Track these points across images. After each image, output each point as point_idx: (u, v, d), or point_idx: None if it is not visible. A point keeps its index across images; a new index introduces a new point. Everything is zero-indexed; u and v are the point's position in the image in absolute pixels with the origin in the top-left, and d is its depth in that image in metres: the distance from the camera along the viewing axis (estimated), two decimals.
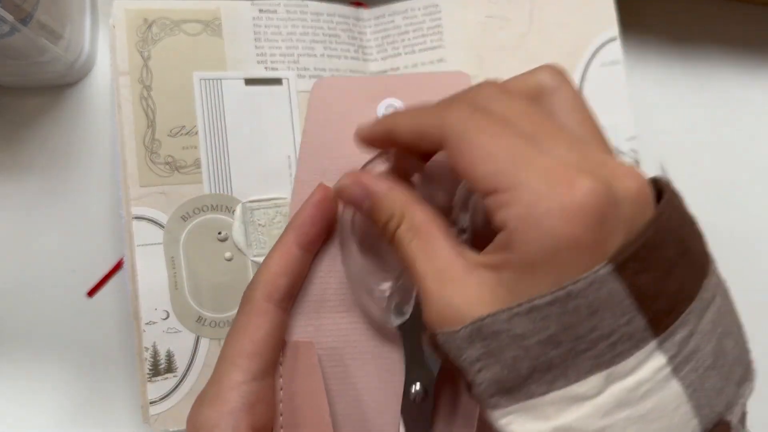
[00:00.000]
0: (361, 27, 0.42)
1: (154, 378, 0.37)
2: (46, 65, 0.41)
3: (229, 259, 0.39)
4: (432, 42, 0.42)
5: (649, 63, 0.45)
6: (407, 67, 0.42)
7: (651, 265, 0.21)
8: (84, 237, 0.42)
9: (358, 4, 0.43)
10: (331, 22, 0.41)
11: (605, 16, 0.40)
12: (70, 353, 0.41)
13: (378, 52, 0.42)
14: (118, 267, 0.42)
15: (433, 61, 0.42)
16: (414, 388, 0.28)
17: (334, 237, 0.30)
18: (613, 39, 0.40)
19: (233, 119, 0.39)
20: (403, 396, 0.28)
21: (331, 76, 0.31)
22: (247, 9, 0.40)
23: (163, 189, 0.38)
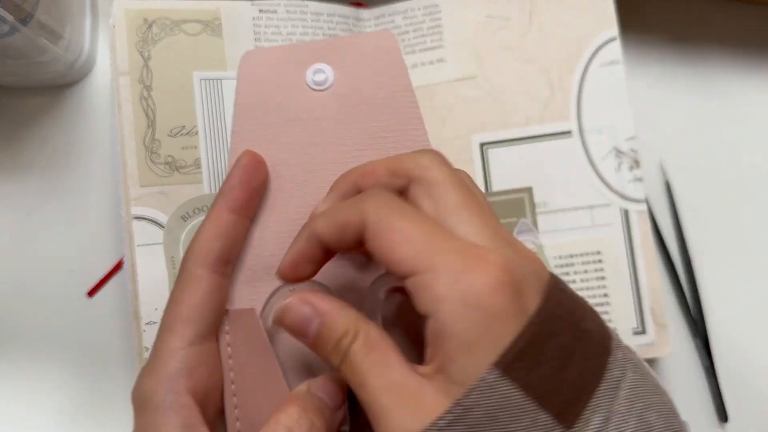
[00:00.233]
0: (361, 27, 0.42)
1: None
2: (46, 65, 0.41)
3: None
4: (432, 42, 0.42)
5: (649, 63, 0.45)
6: (407, 66, 0.42)
7: (543, 359, 0.21)
8: (84, 237, 0.42)
9: (358, 5, 0.43)
10: (331, 23, 0.41)
11: (605, 16, 0.40)
12: (71, 353, 0.41)
13: None
14: (118, 267, 0.42)
15: (432, 61, 0.42)
16: None
17: (271, 204, 0.30)
18: (612, 39, 0.40)
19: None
20: None
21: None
22: (247, 9, 0.40)
23: (163, 189, 0.38)
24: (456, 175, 0.26)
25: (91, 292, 0.42)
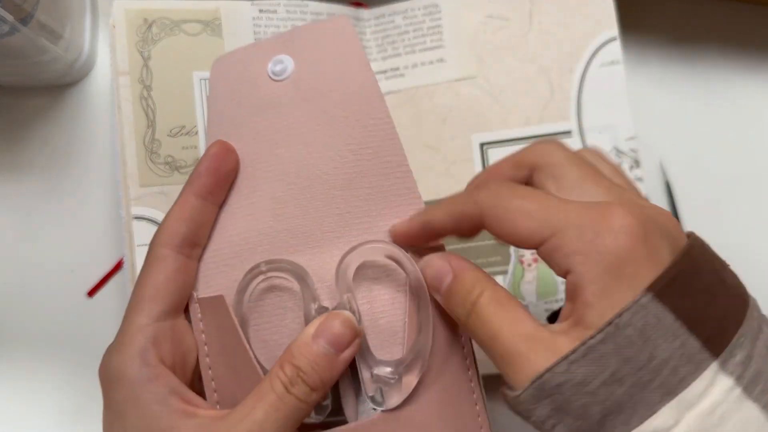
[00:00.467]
0: (361, 27, 0.42)
1: None
2: (47, 65, 0.41)
3: None
4: (432, 42, 0.42)
5: (649, 63, 0.45)
6: (407, 67, 0.42)
7: (691, 292, 0.22)
8: (84, 237, 0.42)
9: (358, 4, 0.43)
10: None
11: (605, 16, 0.40)
12: (71, 353, 0.41)
13: (378, 52, 0.42)
14: (118, 267, 0.42)
15: (432, 61, 0.42)
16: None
17: (240, 191, 0.30)
18: (612, 39, 0.40)
19: None
20: None
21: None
22: (247, 9, 0.40)
23: (163, 189, 0.38)
24: (576, 155, 0.27)
25: (91, 292, 0.42)
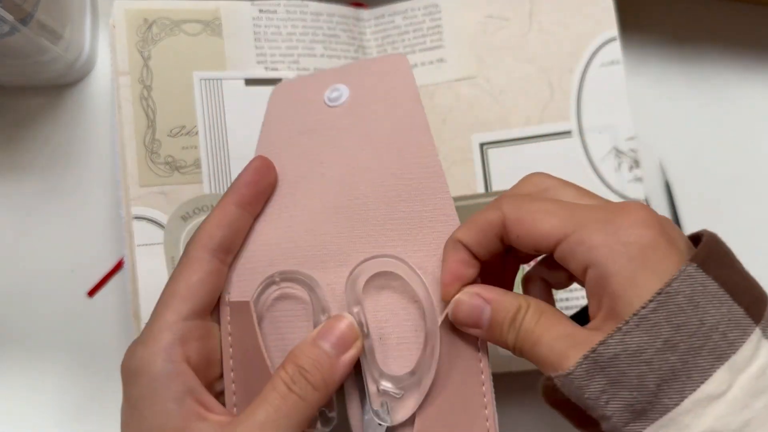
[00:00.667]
0: (361, 27, 0.42)
1: None
2: (47, 65, 0.41)
3: None
4: (432, 42, 0.42)
5: (649, 63, 0.45)
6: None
7: (726, 265, 0.24)
8: (84, 237, 0.42)
9: (358, 5, 0.43)
10: (331, 23, 0.41)
11: (605, 16, 0.40)
12: (71, 353, 0.41)
13: (378, 53, 0.42)
14: (119, 267, 0.42)
15: (432, 61, 0.42)
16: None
17: (281, 204, 0.32)
18: (612, 39, 0.40)
19: (233, 119, 0.39)
20: None
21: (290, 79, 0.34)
22: (247, 9, 0.40)
23: (163, 189, 0.38)
24: (563, 180, 0.29)
25: (92, 292, 0.42)
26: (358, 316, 0.28)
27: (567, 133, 0.40)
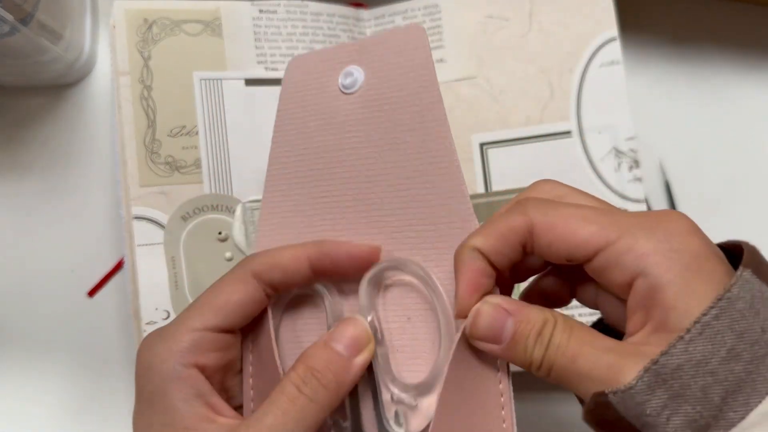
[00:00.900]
0: (361, 27, 0.43)
1: None
2: (47, 65, 0.41)
3: (230, 259, 0.39)
4: (432, 42, 0.42)
5: (649, 63, 0.45)
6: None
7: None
8: (84, 237, 0.42)
9: (358, 5, 0.43)
10: (331, 23, 0.41)
11: (605, 16, 0.40)
12: (72, 353, 0.41)
13: None
14: (119, 267, 0.42)
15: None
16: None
17: (291, 208, 0.31)
18: (612, 39, 0.40)
19: (233, 119, 0.39)
20: None
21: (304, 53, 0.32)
22: (247, 9, 0.40)
23: (164, 189, 0.38)
24: (573, 187, 0.28)
25: (92, 292, 0.42)
26: (373, 322, 0.28)
27: (567, 133, 0.40)
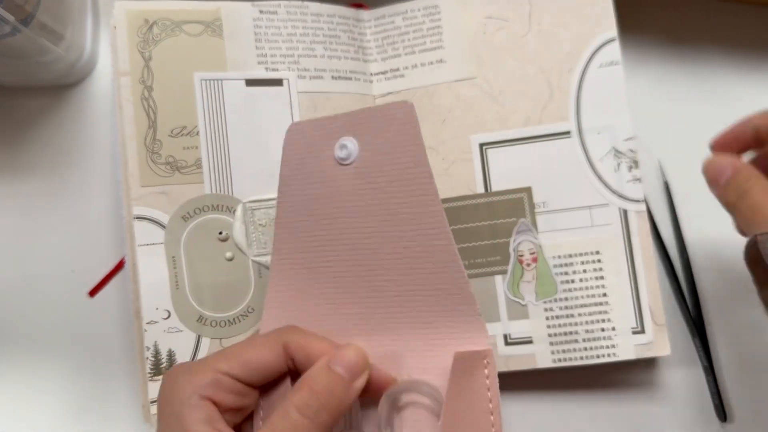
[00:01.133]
0: (361, 28, 0.43)
1: (155, 377, 0.37)
2: (48, 65, 0.41)
3: (230, 259, 0.39)
4: (432, 43, 0.42)
5: (648, 64, 0.45)
6: (407, 67, 0.42)
7: None
8: (85, 237, 0.42)
9: (359, 5, 0.43)
10: (332, 23, 0.42)
11: (604, 17, 0.41)
12: (72, 353, 0.42)
13: (378, 53, 0.42)
14: (120, 267, 0.42)
15: (432, 62, 0.42)
16: None
17: (309, 275, 0.33)
18: (611, 40, 0.40)
19: (234, 120, 0.40)
20: None
21: (302, 120, 0.34)
22: (247, 10, 0.41)
23: (164, 189, 0.38)
24: None
25: (93, 292, 0.42)
26: None
27: (566, 133, 0.40)
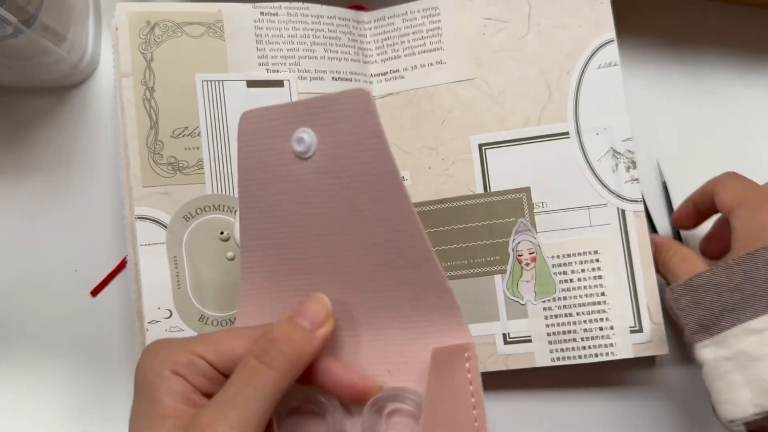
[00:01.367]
0: (361, 29, 0.43)
1: None
2: (50, 66, 0.41)
3: (231, 259, 0.39)
4: (431, 44, 0.42)
5: (646, 65, 0.45)
6: (407, 68, 0.42)
7: None
8: (87, 237, 0.42)
9: (359, 7, 0.43)
10: (332, 25, 0.42)
11: (602, 18, 0.41)
12: (74, 352, 0.42)
13: (378, 54, 0.43)
14: (122, 266, 0.42)
15: (432, 63, 0.42)
16: None
17: (280, 277, 0.32)
18: (610, 41, 0.41)
19: (235, 121, 0.39)
20: None
21: (256, 108, 0.32)
22: (248, 11, 0.41)
23: (166, 189, 0.39)
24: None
25: (95, 292, 0.42)
26: None
27: (565, 134, 0.41)
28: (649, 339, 0.39)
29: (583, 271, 0.40)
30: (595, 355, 0.39)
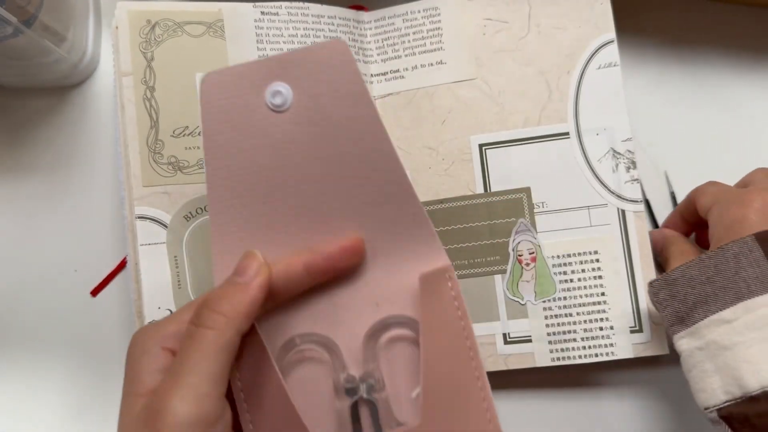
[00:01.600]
0: (361, 29, 0.43)
1: None
2: (50, 66, 0.41)
3: None
4: (432, 44, 0.42)
5: (646, 65, 0.45)
6: (407, 69, 0.42)
7: None
8: (87, 237, 0.42)
9: (359, 7, 0.43)
10: (332, 25, 0.42)
11: (602, 19, 0.41)
12: (75, 352, 0.42)
13: (378, 54, 0.43)
14: (122, 266, 0.42)
15: (432, 63, 0.42)
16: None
17: (241, 234, 0.32)
18: (610, 42, 0.41)
19: None
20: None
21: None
22: (249, 11, 0.41)
23: (166, 189, 0.39)
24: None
25: (95, 292, 0.42)
26: (375, 372, 0.31)
27: (565, 134, 0.41)
28: (649, 339, 0.39)
29: (583, 271, 0.40)
30: (595, 355, 0.39)
